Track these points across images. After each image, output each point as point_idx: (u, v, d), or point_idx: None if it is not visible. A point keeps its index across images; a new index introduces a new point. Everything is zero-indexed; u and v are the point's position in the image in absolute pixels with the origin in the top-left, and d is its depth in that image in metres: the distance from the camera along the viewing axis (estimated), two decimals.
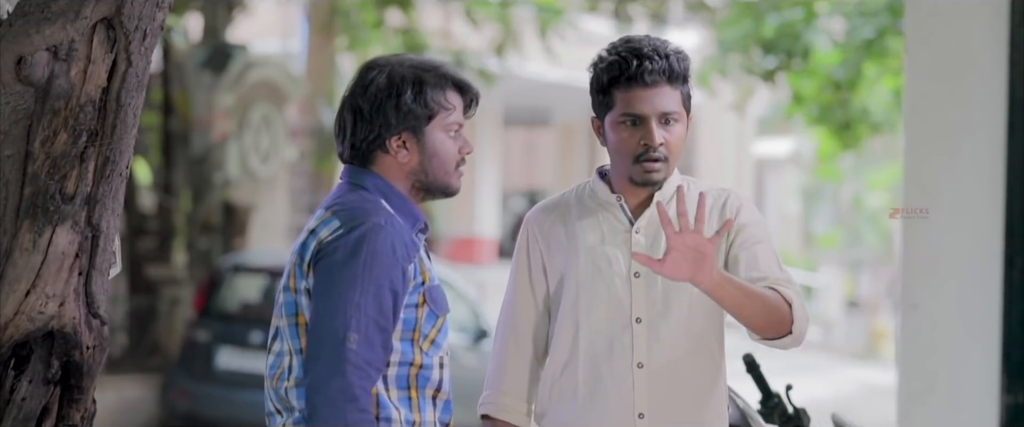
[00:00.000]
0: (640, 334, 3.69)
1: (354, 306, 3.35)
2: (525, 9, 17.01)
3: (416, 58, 3.56)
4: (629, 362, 3.69)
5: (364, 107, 3.48)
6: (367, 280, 3.36)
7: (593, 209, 3.77)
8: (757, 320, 3.56)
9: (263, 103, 15.72)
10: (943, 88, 5.63)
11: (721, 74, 15.12)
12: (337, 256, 3.38)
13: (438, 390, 3.52)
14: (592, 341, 3.72)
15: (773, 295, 3.57)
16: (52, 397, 3.46)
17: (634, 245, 3.70)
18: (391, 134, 3.48)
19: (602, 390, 3.71)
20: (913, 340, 5.68)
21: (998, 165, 5.54)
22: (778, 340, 3.62)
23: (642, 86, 3.62)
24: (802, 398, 4.41)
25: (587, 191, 3.81)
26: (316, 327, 3.37)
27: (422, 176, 3.52)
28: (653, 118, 3.63)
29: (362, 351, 3.34)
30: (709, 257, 3.45)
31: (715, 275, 3.47)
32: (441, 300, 3.51)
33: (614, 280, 3.71)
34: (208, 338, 12.40)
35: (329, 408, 3.32)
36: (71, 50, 3.38)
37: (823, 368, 20.49)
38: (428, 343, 3.48)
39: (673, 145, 3.64)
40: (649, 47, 3.65)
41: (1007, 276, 5.53)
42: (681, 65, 3.64)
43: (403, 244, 3.42)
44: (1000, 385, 5.53)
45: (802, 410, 4.34)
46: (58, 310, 3.42)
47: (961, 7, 5.64)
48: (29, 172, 3.39)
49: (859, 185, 25.66)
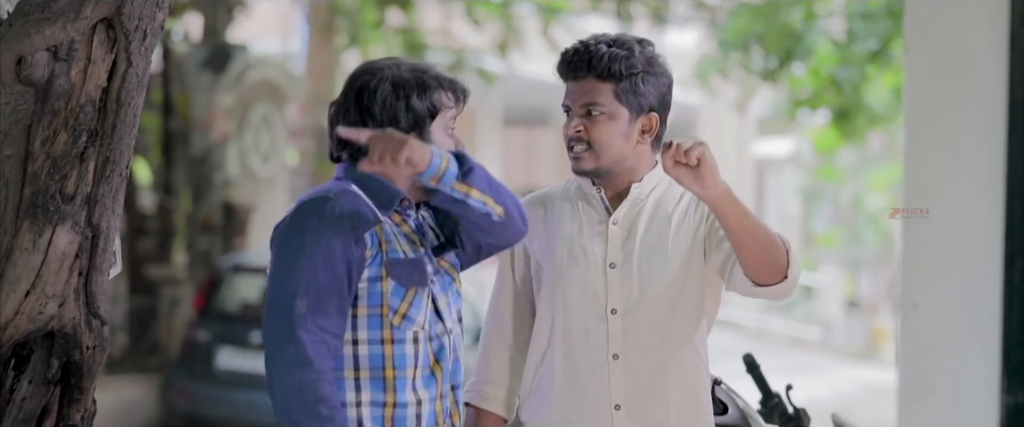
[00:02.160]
0: (615, 325, 3.72)
1: (301, 272, 3.36)
2: (526, 8, 17.02)
3: (409, 61, 3.62)
4: (605, 353, 3.72)
5: (376, 110, 3.51)
6: (314, 247, 3.38)
7: (574, 201, 3.83)
8: (756, 251, 3.54)
9: (263, 103, 15.72)
10: (943, 88, 5.63)
11: (722, 74, 15.11)
12: (283, 228, 3.43)
13: (416, 366, 3.49)
14: (568, 331, 3.76)
15: (774, 232, 3.58)
16: (52, 397, 3.46)
17: (610, 236, 3.75)
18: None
19: (578, 381, 3.74)
20: (913, 340, 5.68)
21: (998, 165, 5.54)
22: (772, 287, 3.60)
23: (570, 79, 3.77)
24: (802, 398, 4.42)
25: (574, 184, 3.87)
26: (268, 299, 3.40)
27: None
28: (575, 109, 3.74)
29: (314, 316, 3.35)
30: (706, 163, 3.46)
31: (720, 184, 3.48)
32: (409, 272, 3.49)
33: (589, 271, 3.75)
34: (208, 338, 12.39)
35: (282, 373, 3.32)
36: (71, 50, 3.38)
37: (823, 368, 20.48)
38: (399, 317, 3.47)
39: (595, 136, 3.71)
40: (589, 42, 3.75)
41: (1007, 276, 5.54)
42: (615, 62, 3.69)
43: (354, 213, 3.43)
44: (1000, 385, 5.53)
45: (802, 410, 4.34)
46: (58, 310, 3.42)
47: (961, 7, 5.64)
48: (29, 172, 3.39)
49: (859, 185, 25.63)
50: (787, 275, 3.59)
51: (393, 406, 3.47)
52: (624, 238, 3.75)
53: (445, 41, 17.76)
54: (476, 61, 16.96)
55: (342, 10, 17.24)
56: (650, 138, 3.76)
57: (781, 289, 3.62)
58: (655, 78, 3.73)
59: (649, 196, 3.77)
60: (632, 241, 3.74)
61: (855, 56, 13.80)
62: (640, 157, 3.77)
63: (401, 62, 3.59)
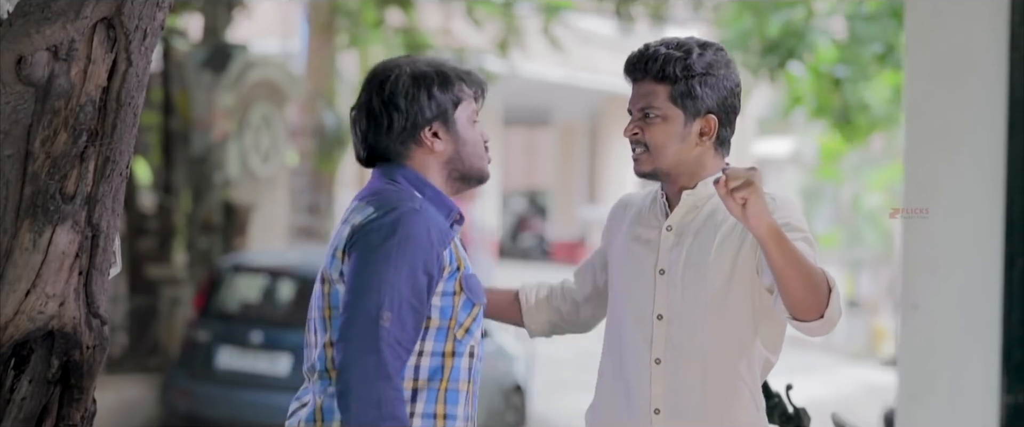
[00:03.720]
0: (660, 330, 3.75)
1: (388, 284, 3.37)
2: (526, 7, 17.02)
3: (424, 57, 3.66)
4: (648, 357, 3.75)
5: (400, 102, 3.54)
6: (401, 260, 3.38)
7: (649, 204, 3.88)
8: (799, 289, 3.54)
9: (263, 103, 15.73)
10: (943, 88, 5.63)
11: None
12: (371, 237, 3.41)
13: (469, 381, 3.54)
14: (621, 334, 3.81)
15: (820, 270, 3.58)
16: (52, 397, 3.46)
17: (662, 241, 3.78)
18: (425, 125, 3.55)
19: (624, 382, 3.79)
20: (913, 340, 5.68)
21: (998, 165, 5.54)
22: (809, 323, 3.60)
23: (632, 82, 3.80)
24: (802, 398, 4.41)
25: (657, 187, 3.91)
26: (349, 306, 3.38)
27: (459, 163, 3.60)
28: (633, 111, 3.78)
29: (394, 329, 3.36)
30: (751, 203, 3.45)
31: (765, 222, 3.47)
32: (477, 288, 3.55)
33: (641, 275, 3.79)
34: (208, 338, 12.40)
35: (362, 386, 3.32)
36: (71, 50, 3.38)
37: (823, 368, 20.50)
38: (462, 331, 3.51)
39: (651, 139, 3.74)
40: (650, 45, 3.78)
41: (1007, 276, 5.53)
42: (669, 64, 3.71)
43: (438, 229, 3.46)
44: (1000, 385, 5.53)
45: (802, 410, 4.34)
46: (58, 310, 3.42)
47: (961, 7, 5.64)
48: (29, 172, 3.39)
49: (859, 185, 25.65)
50: (824, 315, 3.58)
51: (444, 418, 3.48)
52: (673, 244, 3.77)
53: (445, 41, 17.77)
54: (476, 60, 16.95)
55: (342, 10, 17.25)
56: (710, 141, 3.76)
57: (815, 327, 3.61)
58: (714, 80, 3.73)
59: (706, 203, 3.77)
60: (680, 248, 3.75)
61: (861, 58, 13.78)
62: (701, 160, 3.77)
63: (417, 58, 3.63)
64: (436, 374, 3.47)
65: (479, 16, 16.46)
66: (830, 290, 3.58)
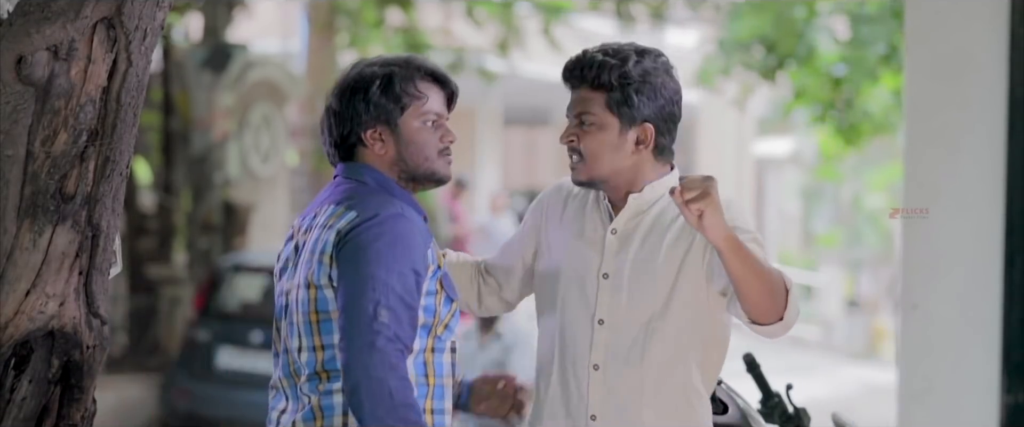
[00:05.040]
0: (600, 336, 3.70)
1: (381, 283, 3.40)
2: (526, 7, 17.02)
3: (393, 55, 3.66)
4: (587, 362, 3.71)
5: (335, 105, 3.60)
6: (391, 260, 3.42)
7: (586, 204, 3.81)
8: (756, 293, 3.53)
9: (263, 103, 15.72)
10: (943, 88, 5.63)
11: (723, 73, 15.09)
12: (361, 239, 3.44)
13: (453, 377, 3.58)
14: (563, 337, 3.75)
15: (777, 273, 3.56)
16: (52, 397, 3.46)
17: (607, 246, 3.73)
18: (363, 128, 3.57)
19: (564, 387, 3.74)
20: (913, 340, 5.68)
21: (998, 165, 5.54)
22: (768, 326, 3.59)
23: (570, 88, 3.75)
24: (802, 398, 4.41)
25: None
26: (347, 308, 3.41)
27: (403, 165, 3.59)
28: (570, 118, 3.74)
29: (392, 325, 3.39)
30: (707, 214, 3.44)
31: (722, 232, 3.45)
32: (453, 285, 3.59)
33: (585, 278, 3.74)
34: (208, 338, 12.39)
35: (369, 381, 3.34)
36: (71, 50, 3.38)
37: (823, 368, 20.48)
38: (442, 327, 3.54)
39: (586, 147, 3.70)
40: (587, 51, 3.73)
41: (1007, 276, 5.54)
42: (605, 71, 3.66)
43: (420, 231, 3.50)
44: (1000, 385, 5.54)
45: (802, 410, 4.34)
46: (58, 310, 3.42)
47: (961, 7, 5.65)
48: (29, 172, 3.39)
49: (859, 185, 25.64)
50: (783, 317, 3.58)
51: (433, 414, 3.52)
52: (618, 249, 3.72)
53: (445, 41, 17.77)
54: (476, 60, 16.95)
55: (342, 10, 17.24)
56: (647, 149, 3.71)
57: (774, 330, 3.60)
58: (651, 89, 3.68)
59: (652, 207, 3.73)
60: (625, 253, 3.71)
61: (866, 60, 13.76)
62: (639, 167, 3.72)
63: (378, 59, 3.64)
64: (420, 369, 3.51)
65: (479, 16, 16.45)
66: (788, 291, 3.57)
